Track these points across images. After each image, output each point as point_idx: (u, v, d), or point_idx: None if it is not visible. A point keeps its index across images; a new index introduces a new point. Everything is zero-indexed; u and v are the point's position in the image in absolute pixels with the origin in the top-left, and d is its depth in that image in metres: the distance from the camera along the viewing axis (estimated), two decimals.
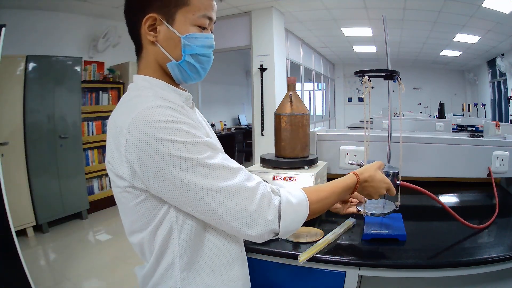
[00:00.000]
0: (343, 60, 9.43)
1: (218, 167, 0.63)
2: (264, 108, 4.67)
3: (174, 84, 0.77)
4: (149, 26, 0.69)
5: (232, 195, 0.63)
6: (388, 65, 1.19)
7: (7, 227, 1.98)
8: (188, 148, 0.61)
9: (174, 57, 0.71)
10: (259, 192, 0.65)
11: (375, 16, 4.90)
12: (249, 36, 4.72)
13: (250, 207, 0.63)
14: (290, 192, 0.71)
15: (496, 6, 4.12)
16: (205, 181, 0.61)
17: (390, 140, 1.19)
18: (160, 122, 0.60)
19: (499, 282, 1.00)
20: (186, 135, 0.61)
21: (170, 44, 0.70)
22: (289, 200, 0.68)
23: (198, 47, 0.71)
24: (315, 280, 0.95)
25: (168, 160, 0.60)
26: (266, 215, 0.64)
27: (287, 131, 1.30)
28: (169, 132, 0.60)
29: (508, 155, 1.47)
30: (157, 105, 0.62)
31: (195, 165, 0.61)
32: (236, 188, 0.63)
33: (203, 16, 0.70)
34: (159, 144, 0.59)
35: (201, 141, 0.63)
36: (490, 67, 7.19)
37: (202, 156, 0.62)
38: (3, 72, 3.03)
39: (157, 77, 0.73)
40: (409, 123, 3.43)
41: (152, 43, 0.71)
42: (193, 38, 0.70)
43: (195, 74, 0.74)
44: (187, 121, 0.63)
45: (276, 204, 0.67)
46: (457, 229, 1.12)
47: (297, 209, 0.69)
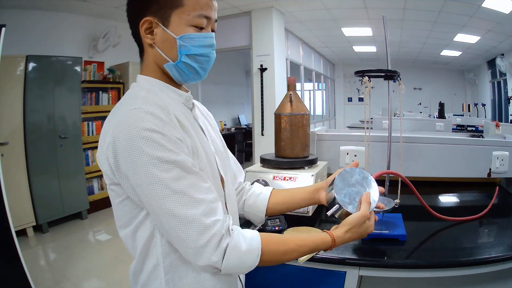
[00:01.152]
0: (343, 60, 9.43)
1: (179, 192, 0.62)
2: (264, 108, 4.67)
3: (175, 85, 0.77)
4: (146, 29, 0.71)
5: (184, 224, 0.62)
6: (388, 65, 1.19)
7: (7, 227, 1.98)
8: (155, 163, 0.61)
9: (171, 58, 0.71)
10: (212, 231, 0.62)
11: (375, 16, 4.89)
12: (249, 36, 4.72)
13: (199, 242, 0.62)
14: (246, 237, 0.66)
15: (496, 6, 4.12)
16: (163, 202, 0.61)
17: (390, 140, 1.19)
18: (139, 129, 0.61)
19: (499, 282, 1.00)
20: (158, 149, 0.61)
21: (167, 45, 0.71)
22: (238, 246, 0.64)
23: (194, 47, 0.70)
24: (315, 280, 0.95)
25: (138, 168, 0.61)
26: (211, 256, 0.62)
27: (287, 131, 1.30)
28: (144, 141, 0.61)
29: (508, 155, 1.47)
30: (141, 109, 0.63)
31: (157, 182, 0.61)
32: (189, 220, 0.61)
33: (199, 16, 0.69)
34: (133, 150, 0.61)
35: (171, 159, 0.62)
36: (490, 67, 7.19)
37: (167, 175, 0.61)
38: (3, 72, 3.03)
39: (158, 78, 0.74)
40: (409, 123, 3.43)
41: (151, 45, 0.72)
42: (189, 38, 0.70)
43: (194, 74, 0.74)
44: (165, 132, 0.63)
45: (224, 247, 0.63)
46: (457, 229, 1.12)
47: (244, 258, 0.64)
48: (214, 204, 0.65)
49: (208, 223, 0.62)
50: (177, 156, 0.63)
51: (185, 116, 0.74)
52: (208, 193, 0.65)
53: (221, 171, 0.80)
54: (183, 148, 0.65)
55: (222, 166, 0.81)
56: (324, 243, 0.74)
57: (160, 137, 0.62)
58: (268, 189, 0.96)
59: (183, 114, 0.73)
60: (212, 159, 0.77)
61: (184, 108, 0.77)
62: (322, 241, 0.74)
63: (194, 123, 0.77)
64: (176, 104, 0.74)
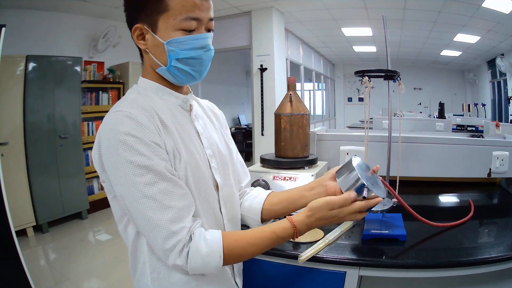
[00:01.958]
0: (343, 60, 9.43)
1: (150, 197, 0.64)
2: (264, 108, 4.67)
3: (174, 86, 0.77)
4: (138, 36, 0.72)
5: (152, 228, 0.64)
6: (388, 65, 1.19)
7: (7, 227, 1.98)
8: (129, 167, 0.63)
9: (162, 63, 0.72)
10: (178, 237, 0.65)
11: (375, 16, 4.89)
12: (249, 36, 4.72)
13: (164, 246, 0.65)
14: (206, 239, 0.67)
15: (496, 6, 4.12)
16: (136, 204, 0.64)
17: (390, 140, 1.18)
18: (117, 132, 0.64)
19: (499, 282, 1.00)
20: (132, 153, 0.63)
21: (157, 51, 0.71)
22: (198, 249, 0.66)
23: (184, 51, 0.70)
24: (315, 280, 0.95)
25: (115, 169, 0.65)
26: (176, 260, 0.65)
27: (287, 131, 1.30)
28: (120, 144, 0.63)
29: (508, 155, 1.47)
30: (122, 112, 0.65)
31: (131, 185, 0.63)
32: (156, 224, 0.64)
33: (185, 19, 0.68)
34: (112, 152, 0.64)
35: (143, 164, 0.63)
36: (490, 67, 7.19)
37: (140, 180, 0.63)
38: (3, 72, 3.03)
39: (155, 80, 0.76)
40: (409, 123, 3.43)
41: (144, 51, 0.74)
42: (177, 42, 0.69)
43: (188, 77, 0.74)
44: (141, 136, 0.64)
45: (187, 252, 0.65)
46: (457, 229, 1.12)
47: (206, 260, 0.66)
48: (184, 211, 0.66)
49: (174, 230, 0.64)
50: (150, 161, 0.64)
51: (176, 119, 0.74)
52: (180, 200, 0.66)
53: (217, 175, 0.79)
54: (159, 153, 0.66)
55: (221, 170, 0.81)
56: (284, 230, 0.71)
57: (135, 141, 0.63)
58: (266, 192, 0.93)
59: (173, 117, 0.73)
60: (203, 163, 0.76)
61: (180, 110, 0.77)
62: (282, 229, 0.71)
63: (188, 126, 0.77)
64: (170, 106, 0.75)
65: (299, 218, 0.72)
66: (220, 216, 0.79)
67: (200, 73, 0.74)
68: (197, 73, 0.74)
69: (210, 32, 0.74)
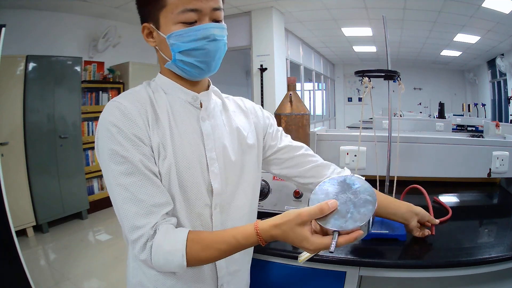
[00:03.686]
0: (343, 60, 9.43)
1: (123, 186, 0.65)
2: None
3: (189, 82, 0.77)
4: (147, 35, 0.75)
5: (121, 217, 0.67)
6: (388, 65, 1.19)
7: (7, 227, 1.98)
8: (109, 154, 0.66)
9: (168, 57, 0.73)
10: (140, 232, 0.65)
11: (375, 16, 4.89)
12: (249, 36, 4.72)
13: (130, 236, 0.66)
14: (170, 237, 0.65)
15: (496, 6, 4.12)
16: (111, 189, 0.67)
17: (390, 140, 1.19)
18: (105, 121, 0.67)
19: (499, 282, 1.00)
20: (112, 142, 0.66)
21: (163, 46, 0.73)
22: (160, 246, 0.65)
23: (184, 43, 0.69)
24: (315, 280, 0.95)
25: (100, 155, 0.69)
26: (140, 254, 0.66)
27: (287, 131, 1.30)
28: (106, 132, 0.67)
29: (508, 155, 1.47)
30: (114, 102, 0.69)
31: (109, 171, 0.67)
32: (124, 214, 0.66)
33: (183, 12, 0.68)
34: (99, 139, 0.68)
35: (122, 154, 0.66)
36: (490, 67, 7.19)
37: (117, 168, 0.66)
38: (3, 72, 3.03)
39: (170, 76, 0.77)
40: (409, 123, 3.43)
41: (155, 48, 0.76)
42: (177, 35, 0.69)
43: (196, 69, 0.73)
44: (123, 128, 0.66)
45: (150, 247, 0.65)
46: (456, 229, 1.12)
47: (168, 257, 0.65)
48: (155, 208, 0.66)
49: (138, 224, 0.65)
50: (127, 153, 0.66)
51: (175, 116, 0.73)
52: (152, 196, 0.66)
53: (215, 181, 0.74)
54: (139, 147, 0.67)
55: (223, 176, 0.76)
56: (247, 237, 0.66)
57: (117, 131, 0.66)
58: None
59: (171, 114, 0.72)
60: (199, 166, 0.72)
61: (187, 107, 0.76)
62: (243, 235, 0.66)
63: (191, 125, 0.74)
64: (175, 102, 0.75)
65: (264, 226, 0.65)
66: (210, 223, 0.75)
67: (207, 64, 0.72)
68: (204, 64, 0.72)
69: (216, 22, 0.72)
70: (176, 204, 0.70)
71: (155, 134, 0.69)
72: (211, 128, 0.77)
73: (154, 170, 0.68)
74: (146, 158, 0.67)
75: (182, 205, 0.71)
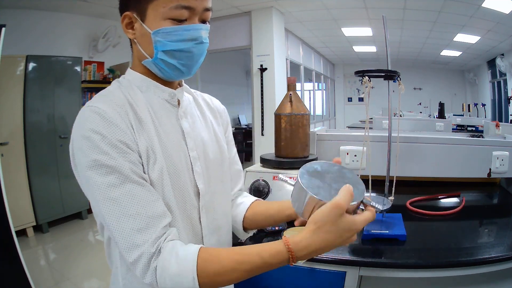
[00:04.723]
0: (343, 60, 9.43)
1: (113, 200, 0.57)
2: (264, 108, 4.67)
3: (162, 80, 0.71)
4: (127, 25, 0.68)
5: (115, 235, 0.58)
6: (388, 65, 1.19)
7: (7, 227, 1.98)
8: (92, 165, 0.58)
9: (148, 54, 0.67)
10: (140, 250, 0.56)
11: (375, 16, 4.89)
12: (249, 36, 4.72)
13: (129, 258, 0.57)
14: (178, 256, 0.57)
15: (496, 6, 4.12)
16: (100, 207, 0.58)
17: (390, 140, 1.18)
18: (83, 129, 0.59)
19: (499, 282, 1.00)
20: (95, 151, 0.58)
21: (144, 41, 0.66)
22: (167, 267, 0.56)
23: (171, 42, 0.64)
24: (315, 280, 0.95)
25: (80, 168, 0.60)
26: (143, 276, 0.57)
27: (287, 131, 1.30)
28: (85, 141, 0.58)
29: (508, 155, 1.47)
30: (91, 107, 0.60)
31: (94, 185, 0.58)
32: (119, 232, 0.57)
33: (176, 8, 0.63)
34: (78, 150, 0.60)
35: (107, 164, 0.57)
36: (490, 67, 7.19)
37: (103, 180, 0.57)
38: (3, 72, 3.03)
39: (142, 72, 0.71)
40: (409, 123, 3.43)
41: (133, 40, 0.69)
42: (165, 33, 0.63)
43: (175, 71, 0.67)
44: (107, 134, 0.58)
45: (154, 268, 0.57)
46: (457, 229, 1.12)
47: (177, 280, 0.56)
48: (153, 219, 0.58)
49: (136, 241, 0.57)
50: (114, 161, 0.58)
51: (157, 115, 0.68)
52: (148, 207, 0.59)
53: (199, 181, 0.71)
54: (126, 154, 0.59)
55: (205, 175, 0.73)
56: (274, 255, 0.56)
57: (100, 138, 0.58)
58: (251, 199, 0.86)
59: (153, 113, 0.67)
60: (184, 167, 0.68)
61: (165, 106, 0.70)
62: (270, 254, 0.56)
63: (172, 124, 0.70)
64: (153, 101, 0.69)
65: (297, 238, 0.56)
66: (199, 226, 0.71)
67: (189, 68, 0.68)
68: (185, 67, 0.67)
69: (204, 24, 0.67)
70: (172, 210, 0.64)
71: (141, 137, 0.63)
72: (190, 126, 0.73)
73: (144, 176, 0.61)
74: (135, 166, 0.60)
75: (177, 211, 0.66)
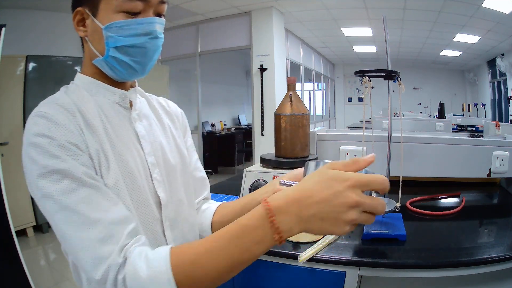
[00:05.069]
0: (343, 60, 9.43)
1: (68, 208, 0.50)
2: (264, 108, 4.67)
3: (114, 83, 0.66)
4: (78, 22, 0.63)
5: (77, 250, 0.50)
6: (388, 65, 1.19)
7: (7, 227, 1.98)
8: (43, 173, 0.51)
9: (99, 52, 0.61)
10: (107, 262, 0.48)
11: (375, 16, 4.90)
12: (249, 36, 4.72)
13: (95, 275, 0.49)
14: (148, 258, 0.49)
15: (496, 6, 4.12)
16: (54, 219, 0.52)
17: (390, 140, 1.18)
18: (30, 135, 0.53)
19: (499, 282, 1.00)
20: (44, 156, 0.52)
21: (96, 38, 0.61)
22: (137, 273, 0.48)
23: (124, 37, 0.59)
24: (315, 280, 0.95)
25: (30, 178, 0.54)
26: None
27: (287, 131, 1.30)
28: (33, 147, 0.52)
29: (508, 155, 1.47)
30: (38, 112, 0.55)
31: (46, 195, 0.52)
32: (82, 245, 0.50)
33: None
34: (26, 158, 0.54)
35: (57, 168, 0.51)
36: (490, 67, 7.19)
37: (55, 187, 0.51)
38: (3, 72, 3.03)
39: (93, 75, 0.65)
40: (409, 123, 3.43)
41: (84, 39, 0.64)
42: (117, 27, 0.58)
43: (128, 70, 0.62)
44: (55, 137, 0.53)
45: (122, 279, 0.48)
46: (457, 229, 1.12)
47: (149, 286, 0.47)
48: (115, 226, 0.51)
49: (101, 253, 0.49)
50: (65, 164, 0.52)
51: (108, 119, 0.62)
52: (108, 212, 0.52)
53: (160, 189, 0.65)
54: (77, 156, 0.54)
55: (166, 183, 0.67)
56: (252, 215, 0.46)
57: (48, 142, 0.52)
58: (216, 204, 0.82)
59: (104, 117, 0.61)
60: (141, 174, 0.62)
61: (117, 109, 0.65)
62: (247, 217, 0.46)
63: (125, 128, 0.64)
64: (103, 104, 0.63)
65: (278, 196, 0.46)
66: (163, 240, 0.65)
67: (142, 65, 0.63)
68: (138, 65, 0.62)
69: (159, 17, 0.63)
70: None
71: (91, 140, 0.56)
72: (145, 130, 0.67)
73: (100, 180, 0.55)
74: (89, 169, 0.54)
75: (138, 224, 0.58)
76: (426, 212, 1.22)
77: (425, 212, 1.22)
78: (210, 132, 6.18)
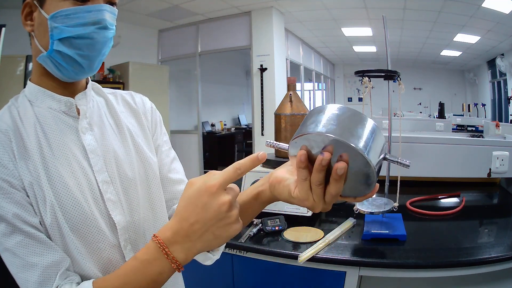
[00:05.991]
0: (343, 60, 9.43)
1: (9, 250, 0.50)
2: (264, 108, 4.67)
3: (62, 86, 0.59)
4: (26, 16, 0.56)
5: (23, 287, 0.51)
6: (388, 65, 1.19)
7: None
8: None
9: (44, 46, 0.54)
10: None
11: (375, 16, 4.90)
12: (249, 36, 4.72)
13: None
14: None
15: (496, 6, 4.12)
16: (2, 255, 0.51)
17: (390, 140, 1.18)
18: None
19: (499, 282, 1.00)
20: None
21: (41, 31, 0.54)
22: None
23: (69, 27, 0.52)
24: (315, 280, 0.95)
25: None
26: None
27: (287, 131, 1.30)
28: None
29: (508, 155, 1.47)
30: None
31: None
32: (25, 285, 0.51)
33: None
34: None
35: None
36: (490, 67, 7.19)
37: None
38: (3, 72, 3.03)
39: (39, 80, 0.58)
40: (409, 123, 3.43)
41: (31, 35, 0.57)
42: (63, 16, 0.52)
43: (74, 66, 0.55)
44: None
45: None
46: (457, 229, 1.12)
47: None
48: (50, 270, 0.51)
49: None
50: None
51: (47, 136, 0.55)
52: (43, 256, 0.50)
53: (115, 212, 0.58)
54: (9, 195, 0.50)
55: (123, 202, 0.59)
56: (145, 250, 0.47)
57: None
58: None
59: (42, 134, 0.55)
60: (88, 196, 0.56)
61: (61, 120, 0.58)
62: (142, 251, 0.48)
63: (69, 143, 0.56)
64: (45, 116, 0.57)
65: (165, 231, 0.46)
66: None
67: (90, 60, 0.55)
68: (85, 60, 0.55)
69: (110, 5, 0.56)
70: (76, 256, 0.53)
71: (24, 170, 0.52)
72: (96, 141, 0.59)
73: (33, 222, 0.51)
74: (21, 209, 0.50)
75: (85, 256, 0.54)
76: (426, 212, 1.22)
77: (425, 212, 1.22)
78: (210, 132, 6.18)
